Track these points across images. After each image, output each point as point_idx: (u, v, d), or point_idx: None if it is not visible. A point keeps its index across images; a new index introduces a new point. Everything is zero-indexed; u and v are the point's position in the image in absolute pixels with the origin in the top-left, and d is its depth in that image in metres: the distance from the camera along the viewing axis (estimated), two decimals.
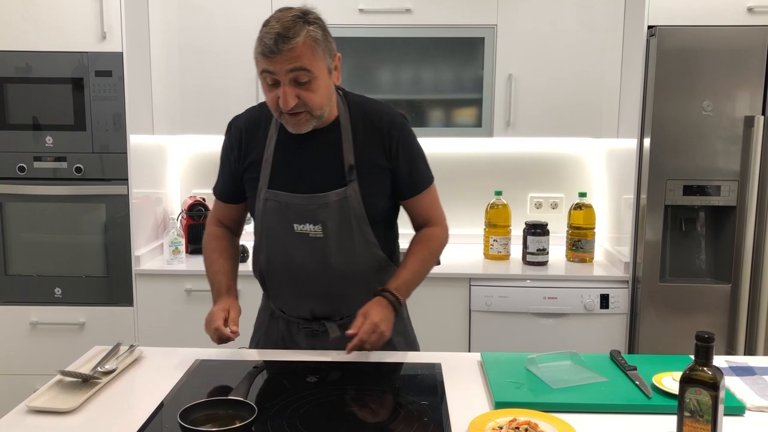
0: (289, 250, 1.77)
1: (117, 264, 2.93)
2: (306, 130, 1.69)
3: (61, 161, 2.88)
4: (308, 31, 1.59)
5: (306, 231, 1.74)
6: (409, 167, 1.80)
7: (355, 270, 1.78)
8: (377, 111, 1.79)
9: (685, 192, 2.73)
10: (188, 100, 3.14)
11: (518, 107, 3.08)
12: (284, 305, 1.86)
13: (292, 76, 1.60)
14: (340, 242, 1.75)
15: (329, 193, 1.72)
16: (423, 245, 1.86)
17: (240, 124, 1.84)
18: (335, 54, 1.69)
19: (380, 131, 1.76)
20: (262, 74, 1.63)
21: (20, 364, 2.95)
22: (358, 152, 1.74)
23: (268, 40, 1.57)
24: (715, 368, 1.25)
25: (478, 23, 3.04)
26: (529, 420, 1.34)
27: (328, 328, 1.81)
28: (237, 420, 1.35)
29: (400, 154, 1.77)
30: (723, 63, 2.65)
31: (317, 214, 1.73)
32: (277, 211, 1.75)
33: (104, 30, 2.79)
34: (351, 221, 1.74)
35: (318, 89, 1.63)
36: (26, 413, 1.43)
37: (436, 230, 1.89)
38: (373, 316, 1.69)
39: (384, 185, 1.79)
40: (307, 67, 1.59)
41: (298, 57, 1.58)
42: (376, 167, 1.76)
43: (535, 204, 3.47)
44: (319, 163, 1.75)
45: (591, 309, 2.86)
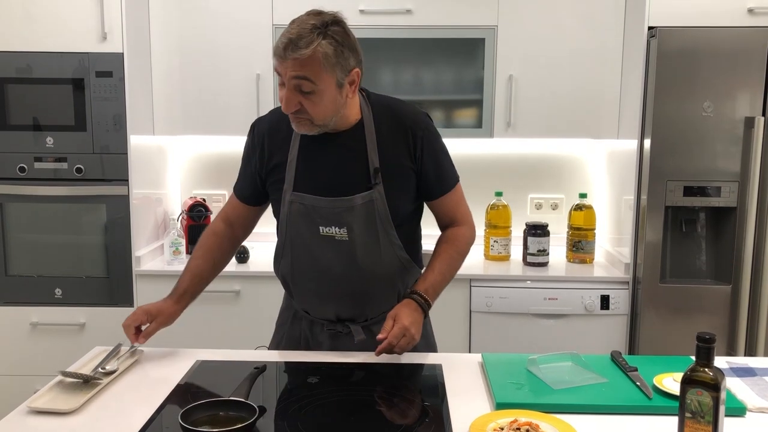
0: (315, 252, 1.76)
1: (117, 265, 2.93)
2: (308, 133, 1.69)
3: (62, 162, 2.88)
4: (319, 44, 1.56)
5: (332, 234, 1.73)
6: (435, 167, 1.79)
7: (379, 272, 1.78)
8: (401, 111, 1.78)
9: (685, 193, 2.73)
10: (188, 101, 3.14)
11: (519, 108, 3.09)
12: (308, 306, 1.86)
13: (296, 83, 1.59)
14: (365, 245, 1.74)
15: (355, 196, 1.72)
16: (449, 245, 1.86)
17: (263, 126, 1.83)
18: (351, 69, 1.64)
19: (404, 132, 1.75)
20: (275, 71, 1.63)
21: (20, 364, 2.95)
22: (383, 154, 1.73)
23: (280, 43, 1.58)
24: (717, 369, 1.25)
25: (479, 24, 3.05)
26: (530, 421, 1.34)
27: (352, 330, 1.81)
28: (238, 421, 1.35)
29: (425, 155, 1.77)
30: (723, 64, 2.65)
31: (343, 217, 1.72)
32: (302, 213, 1.74)
33: (105, 31, 2.79)
34: (376, 224, 1.74)
35: (320, 102, 1.62)
36: (27, 414, 1.43)
37: (462, 229, 1.88)
38: (403, 319, 1.69)
39: (409, 187, 1.78)
40: (310, 78, 1.58)
41: (303, 67, 1.57)
42: (401, 169, 1.76)
43: (536, 205, 3.47)
44: (344, 165, 1.73)
45: (591, 310, 2.86)
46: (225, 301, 2.94)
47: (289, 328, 1.91)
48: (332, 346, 1.83)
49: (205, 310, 2.93)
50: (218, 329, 2.94)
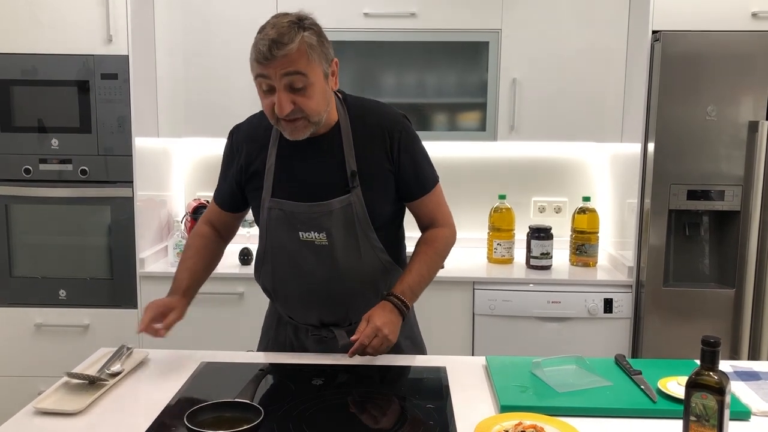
0: (296, 257, 1.76)
1: (121, 266, 2.94)
2: (304, 137, 1.67)
3: (67, 163, 2.89)
4: (303, 36, 1.58)
5: (311, 239, 1.73)
6: (414, 168, 1.78)
7: (361, 276, 1.77)
8: (377, 112, 1.78)
9: (689, 197, 2.73)
10: (193, 103, 3.15)
11: (522, 111, 3.09)
12: (292, 312, 1.86)
13: (287, 81, 1.58)
14: (346, 249, 1.74)
15: (333, 200, 1.71)
16: (428, 246, 1.84)
17: (241, 135, 1.83)
18: (332, 59, 1.67)
19: (381, 133, 1.75)
20: (257, 79, 1.61)
21: (24, 365, 2.96)
22: (360, 157, 1.73)
23: (262, 47, 1.56)
24: (721, 373, 1.25)
25: (483, 27, 3.05)
26: (535, 424, 1.34)
27: (336, 335, 1.80)
28: (244, 422, 1.35)
29: (402, 156, 1.76)
30: (727, 68, 2.66)
31: (321, 221, 1.72)
32: (282, 219, 1.74)
33: (110, 33, 2.80)
34: (355, 228, 1.73)
35: (314, 95, 1.61)
36: (34, 414, 1.43)
37: (443, 230, 1.87)
38: (375, 320, 1.68)
39: (388, 189, 1.78)
40: (302, 71, 1.58)
41: (293, 62, 1.57)
42: (379, 171, 1.75)
43: (539, 208, 3.47)
44: (321, 170, 1.73)
45: (594, 313, 2.87)
46: (229, 303, 2.95)
47: (275, 333, 1.91)
48: (318, 351, 1.83)
49: (208, 312, 2.95)
50: (222, 331, 2.95)
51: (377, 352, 1.69)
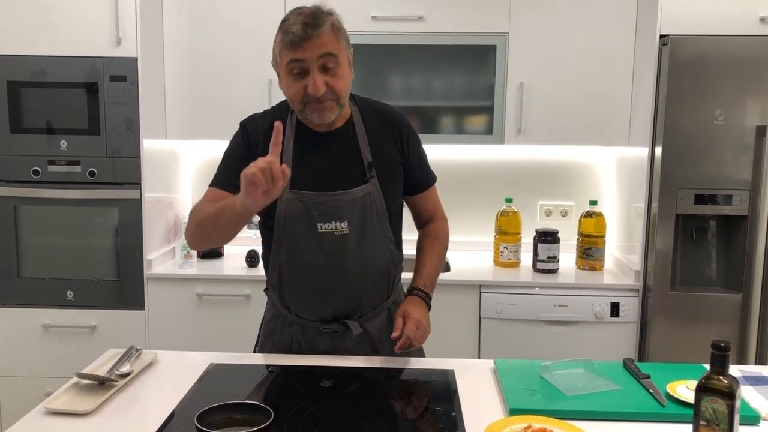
0: (311, 250, 1.77)
1: (129, 268, 2.94)
2: (330, 119, 1.71)
3: (75, 165, 2.90)
4: (331, 19, 1.66)
5: (330, 229, 1.75)
6: (420, 162, 1.90)
7: (373, 265, 1.82)
8: (387, 111, 1.88)
9: (696, 201, 2.73)
10: (200, 106, 3.16)
11: (529, 115, 3.09)
12: (302, 309, 1.85)
13: (321, 62, 1.64)
14: (362, 239, 1.78)
15: (354, 189, 1.76)
16: (434, 240, 1.95)
17: (256, 126, 1.81)
18: (351, 47, 1.74)
19: (392, 129, 1.84)
20: (290, 65, 1.64)
21: (32, 366, 2.97)
22: (375, 149, 1.80)
23: (296, 30, 1.61)
24: (731, 377, 1.25)
25: (490, 31, 3.06)
26: (544, 427, 1.34)
27: (350, 326, 1.81)
28: (253, 424, 1.35)
29: (411, 150, 1.86)
30: (735, 72, 2.66)
31: (342, 210, 1.75)
32: (300, 211, 1.75)
33: (119, 35, 2.81)
34: (373, 217, 1.78)
35: (343, 75, 1.68)
36: (44, 415, 1.44)
37: (442, 224, 2.00)
38: (414, 313, 1.76)
39: (399, 180, 1.86)
40: (334, 52, 1.65)
41: (326, 43, 1.63)
42: (392, 163, 1.83)
43: (545, 211, 3.47)
44: (338, 161, 1.78)
45: (601, 317, 2.86)
46: (235, 305, 2.96)
47: (279, 336, 1.89)
48: (330, 347, 1.83)
49: (215, 314, 2.96)
50: (229, 333, 2.95)
51: (420, 344, 1.77)
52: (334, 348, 1.83)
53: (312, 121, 1.72)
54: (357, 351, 1.83)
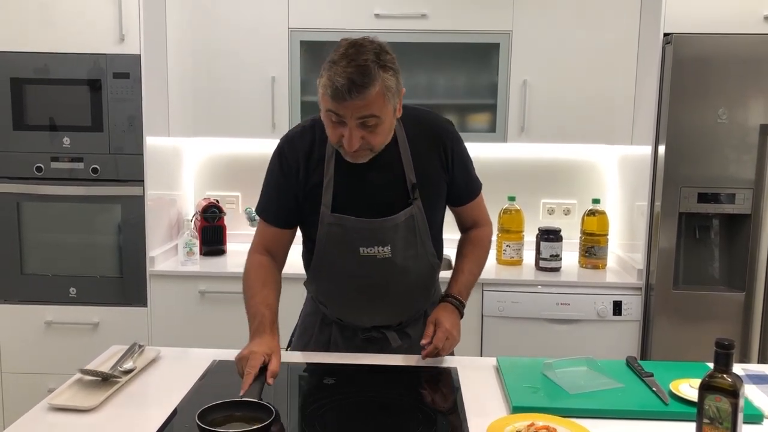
0: (353, 271, 1.76)
1: (131, 265, 2.95)
2: (363, 161, 1.66)
3: (78, 162, 2.90)
4: (383, 79, 1.54)
5: (373, 253, 1.73)
6: (465, 174, 1.84)
7: (416, 280, 1.82)
8: (429, 122, 1.79)
9: (699, 199, 2.73)
10: (203, 103, 3.16)
11: (532, 113, 3.09)
12: (343, 316, 1.87)
13: (361, 121, 1.56)
14: (405, 259, 1.76)
15: (398, 215, 1.72)
16: (475, 246, 1.93)
17: (296, 148, 1.76)
18: (401, 90, 1.64)
19: (436, 143, 1.76)
20: (328, 112, 1.57)
21: (35, 363, 2.97)
22: (418, 168, 1.74)
23: (340, 85, 1.50)
24: (735, 375, 1.25)
25: (494, 29, 3.05)
26: (547, 425, 1.34)
27: (389, 337, 1.84)
28: (255, 421, 1.35)
29: (455, 163, 1.79)
30: (739, 71, 2.65)
31: (386, 235, 1.72)
32: (341, 235, 1.73)
33: (122, 32, 2.81)
34: (416, 238, 1.76)
35: (383, 132, 1.61)
36: (48, 410, 1.44)
37: (485, 230, 1.96)
38: (445, 323, 1.75)
39: (442, 197, 1.82)
40: (377, 114, 1.56)
41: (369, 105, 1.53)
42: (435, 181, 1.78)
43: (548, 210, 3.47)
44: (381, 183, 1.72)
45: (604, 315, 2.86)
46: (238, 303, 2.93)
47: (318, 333, 1.90)
48: (366, 350, 1.85)
49: (218, 311, 2.96)
50: (232, 330, 2.94)
51: (447, 353, 1.75)
52: (369, 351, 1.85)
53: (347, 159, 1.66)
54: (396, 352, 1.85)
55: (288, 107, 3.12)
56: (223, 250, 3.26)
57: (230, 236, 3.35)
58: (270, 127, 3.13)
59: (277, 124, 3.12)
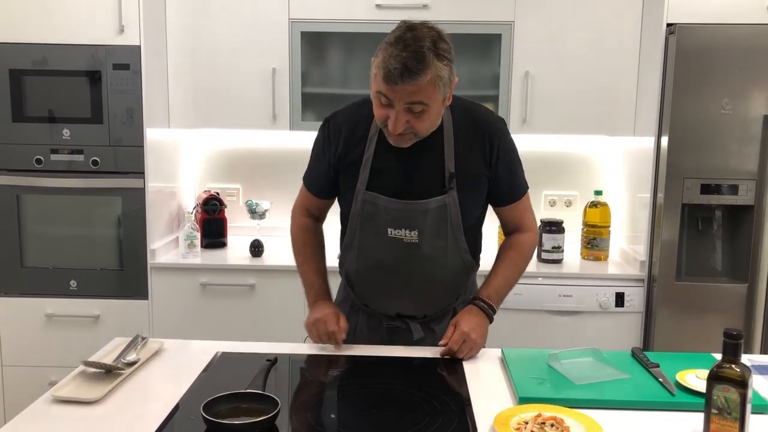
0: (381, 252, 1.77)
1: (132, 257, 2.93)
2: (406, 145, 1.67)
3: (78, 154, 2.89)
4: (437, 68, 1.54)
5: (400, 236, 1.74)
6: (509, 175, 1.81)
7: (444, 274, 1.80)
8: (480, 116, 1.78)
9: (702, 191, 2.72)
10: (204, 95, 3.14)
11: (534, 105, 3.08)
12: (369, 301, 1.87)
13: (408, 107, 1.57)
14: (433, 248, 1.76)
15: (429, 200, 1.72)
16: (514, 251, 1.88)
17: (340, 121, 1.80)
18: (454, 80, 1.64)
19: (482, 138, 1.75)
20: (377, 94, 1.59)
21: (35, 355, 2.96)
22: (459, 160, 1.73)
23: (393, 68, 1.51)
24: (744, 366, 1.24)
25: (495, 20, 3.03)
26: (554, 416, 1.33)
27: (412, 328, 1.83)
28: (260, 413, 1.35)
29: (500, 162, 1.77)
30: (742, 61, 2.64)
31: (415, 220, 1.73)
32: (373, 214, 1.75)
33: (122, 23, 2.79)
34: (447, 228, 1.75)
35: (428, 119, 1.62)
36: (51, 403, 1.43)
37: (527, 236, 1.90)
38: (463, 326, 1.73)
39: (481, 193, 1.80)
40: (425, 102, 1.57)
41: (419, 92, 1.54)
42: (476, 175, 1.76)
43: (550, 202, 3.46)
44: (419, 168, 1.73)
45: (606, 307, 2.86)
46: (240, 295, 2.95)
47: (347, 318, 1.89)
48: (388, 340, 1.85)
49: (220, 303, 2.95)
50: (233, 323, 2.95)
51: (469, 356, 1.73)
52: (392, 342, 1.85)
53: (390, 142, 1.68)
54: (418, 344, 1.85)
55: (289, 99, 3.10)
56: (224, 243, 3.25)
57: (231, 229, 3.34)
58: (271, 119, 3.11)
59: (278, 116, 3.11)
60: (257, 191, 3.46)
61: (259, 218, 3.21)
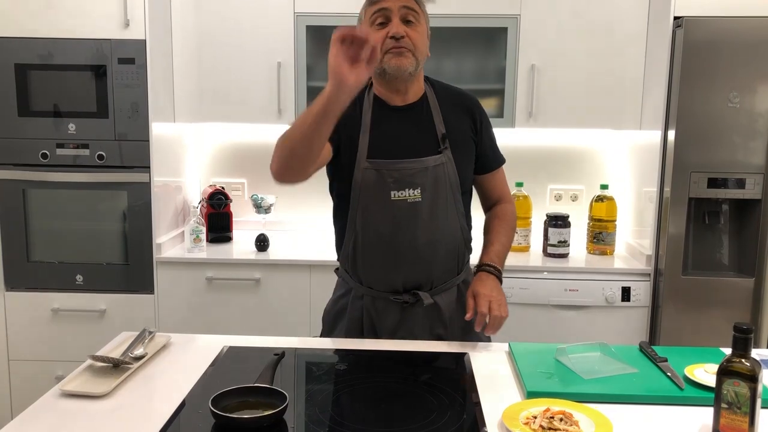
0: (384, 219, 1.81)
1: (138, 251, 2.94)
2: (406, 71, 1.77)
3: (84, 148, 2.89)
4: None
5: (404, 197, 1.79)
6: (491, 142, 1.97)
7: (446, 238, 1.85)
8: (460, 92, 1.96)
9: (709, 185, 2.71)
10: (209, 89, 3.14)
11: (540, 98, 3.07)
12: (374, 279, 1.87)
13: (403, 14, 1.77)
14: (435, 209, 1.81)
15: (428, 158, 1.81)
16: (502, 220, 1.98)
17: None
18: (429, 35, 1.86)
19: (466, 108, 1.91)
20: (373, 16, 1.78)
21: (42, 350, 2.97)
22: (448, 124, 1.86)
23: None
24: (754, 360, 1.24)
25: (501, 13, 3.02)
26: (563, 410, 1.33)
27: (421, 296, 1.84)
28: (268, 407, 1.35)
29: (483, 130, 1.92)
30: (750, 55, 2.62)
31: (416, 178, 1.79)
32: (375, 179, 1.80)
33: (127, 17, 2.79)
34: (446, 188, 1.83)
35: (422, 33, 1.80)
36: (60, 397, 1.43)
37: (510, 206, 2.03)
38: (482, 290, 1.80)
39: (472, 155, 1.91)
40: (415, 9, 1.78)
41: (410, 1, 1.78)
42: (465, 138, 1.89)
43: (555, 196, 3.45)
44: (414, 132, 1.84)
45: (612, 302, 2.85)
46: (245, 289, 2.95)
47: (350, 310, 1.91)
48: (400, 318, 1.86)
49: (225, 298, 2.95)
50: (239, 317, 2.95)
51: (501, 314, 1.78)
52: (403, 321, 1.85)
53: (390, 69, 1.77)
54: (426, 326, 1.86)
55: (294, 93, 3.10)
56: (229, 237, 3.26)
57: (236, 223, 3.34)
58: (276, 113, 3.11)
59: (283, 110, 3.10)
60: (262, 186, 3.46)
61: (265, 212, 3.21)
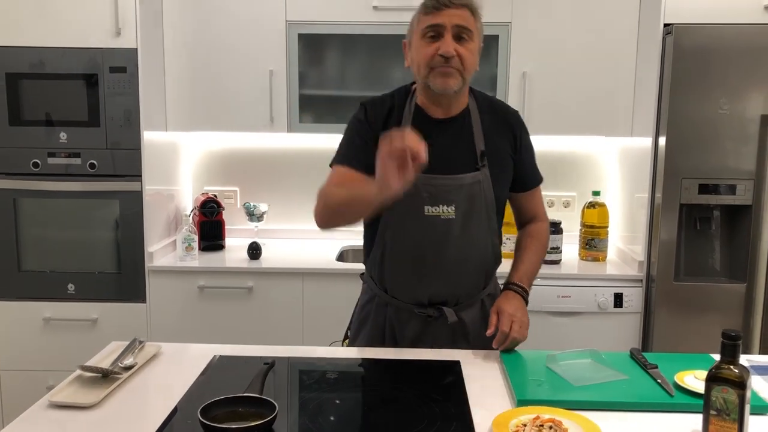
0: (415, 233, 1.80)
1: (130, 260, 2.93)
2: (451, 90, 1.74)
3: (75, 157, 2.88)
4: (477, 9, 1.76)
5: (437, 213, 1.78)
6: (531, 160, 1.94)
7: (476, 255, 1.85)
8: (503, 107, 1.93)
9: (700, 191, 2.72)
10: (201, 97, 3.13)
11: (532, 105, 3.07)
12: (400, 290, 1.87)
13: (456, 32, 1.71)
14: (468, 227, 1.80)
15: (465, 175, 1.79)
16: (534, 239, 1.97)
17: (377, 103, 1.87)
18: (481, 45, 1.80)
19: (507, 124, 1.88)
20: (425, 29, 1.72)
21: (33, 359, 2.96)
22: (488, 140, 1.83)
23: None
24: (742, 366, 1.24)
25: (493, 21, 3.03)
26: (553, 418, 1.33)
27: (445, 312, 1.84)
28: (257, 417, 1.34)
29: (523, 148, 1.90)
30: (740, 61, 2.64)
31: (451, 194, 1.78)
32: (409, 193, 1.73)
33: (119, 26, 2.79)
34: (482, 206, 1.81)
35: (473, 52, 1.75)
36: (48, 407, 1.43)
37: (544, 225, 2.02)
38: (507, 308, 1.79)
39: (509, 173, 1.89)
40: (470, 28, 1.72)
41: (465, 18, 1.72)
42: (504, 156, 1.86)
43: (548, 202, 3.44)
44: (452, 147, 1.81)
45: (605, 308, 2.85)
46: (238, 298, 2.94)
47: (374, 318, 1.91)
48: (420, 331, 1.85)
49: (217, 306, 2.94)
50: (231, 325, 2.94)
51: (522, 334, 1.77)
52: (423, 334, 1.85)
53: (435, 87, 1.74)
54: (449, 340, 1.85)
55: (286, 101, 3.10)
56: (221, 245, 3.25)
57: (229, 231, 3.34)
58: (268, 121, 3.11)
59: (275, 118, 3.10)
60: (255, 194, 3.45)
61: (257, 220, 3.20)
